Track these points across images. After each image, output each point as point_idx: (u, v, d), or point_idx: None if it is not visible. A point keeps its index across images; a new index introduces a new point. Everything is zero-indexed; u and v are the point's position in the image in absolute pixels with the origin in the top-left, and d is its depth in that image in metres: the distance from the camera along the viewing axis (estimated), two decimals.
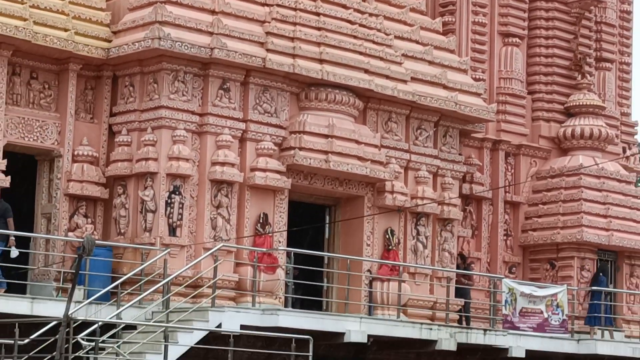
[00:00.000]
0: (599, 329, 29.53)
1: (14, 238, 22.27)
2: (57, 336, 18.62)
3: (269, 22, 25.02)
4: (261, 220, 24.55)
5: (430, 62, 27.53)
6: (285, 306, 24.18)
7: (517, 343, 26.50)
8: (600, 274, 30.80)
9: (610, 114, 32.15)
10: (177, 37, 23.52)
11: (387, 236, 26.31)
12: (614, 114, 32.51)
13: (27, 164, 24.38)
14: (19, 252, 22.26)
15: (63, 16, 23.81)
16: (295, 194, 25.41)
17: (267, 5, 25.25)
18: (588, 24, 32.23)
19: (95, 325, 20.10)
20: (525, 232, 30.75)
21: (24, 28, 23.02)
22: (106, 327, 20.69)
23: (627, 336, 30.05)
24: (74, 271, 20.30)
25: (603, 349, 27.96)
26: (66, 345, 18.68)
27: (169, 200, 23.69)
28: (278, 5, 25.23)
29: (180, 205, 23.79)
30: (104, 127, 24.71)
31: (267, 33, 24.84)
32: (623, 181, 31.62)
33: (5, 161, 23.07)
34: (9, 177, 23.04)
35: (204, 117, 24.28)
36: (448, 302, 26.96)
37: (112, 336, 20.75)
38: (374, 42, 26.34)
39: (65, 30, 23.71)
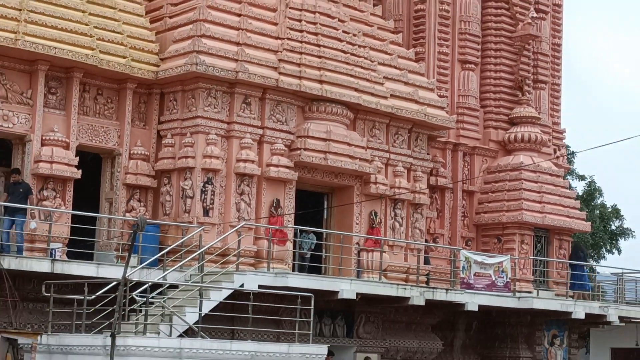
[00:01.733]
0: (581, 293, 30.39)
1: (34, 212, 22.30)
2: (117, 293, 18.70)
3: (281, 52, 25.01)
4: (274, 204, 24.57)
5: (405, 83, 27.51)
6: (293, 270, 24.28)
7: (472, 299, 26.48)
8: (579, 252, 31.57)
9: (544, 123, 32.13)
10: (210, 63, 23.53)
11: (372, 217, 26.30)
12: (547, 123, 32.49)
13: (94, 161, 24.38)
14: (36, 223, 22.28)
15: (122, 47, 23.80)
16: (300, 184, 25.38)
17: (280, 38, 25.24)
18: (527, 54, 32.20)
19: (146, 285, 20.20)
20: (478, 214, 30.74)
21: (92, 56, 23.04)
22: (155, 286, 20.77)
23: (556, 294, 30.03)
24: (130, 243, 20.37)
25: (538, 304, 27.99)
26: (124, 300, 18.83)
27: (204, 189, 23.74)
28: (288, 39, 25.24)
29: (212, 193, 23.84)
30: (153, 132, 24.69)
31: (280, 60, 24.84)
32: (554, 175, 31.66)
33: (77, 158, 23.15)
34: (80, 171, 23.13)
35: (231, 124, 24.30)
36: (418, 268, 27.06)
37: (159, 294, 20.86)
38: (362, 67, 26.32)
39: (124, 57, 23.71)
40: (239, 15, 25.09)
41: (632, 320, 31.25)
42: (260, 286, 21.95)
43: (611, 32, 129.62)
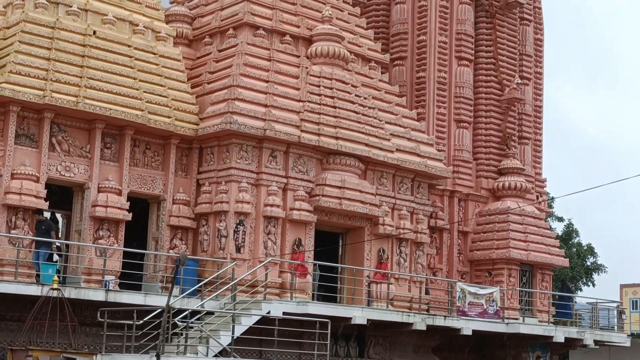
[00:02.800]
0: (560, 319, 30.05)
1: (55, 246, 22.32)
2: (162, 319, 18.67)
3: (302, 112, 25.02)
4: (296, 243, 24.46)
5: (409, 139, 27.48)
6: (312, 299, 24.18)
7: (466, 325, 26.32)
8: (566, 287, 31.56)
9: (527, 174, 32.03)
10: (242, 122, 23.58)
11: (380, 253, 26.19)
12: (530, 173, 32.40)
13: (142, 205, 24.39)
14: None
15: (167, 108, 23.89)
16: (319, 225, 25.26)
17: (301, 101, 25.26)
18: (513, 114, 32.19)
19: (187, 312, 20.21)
20: (471, 251, 30.58)
21: (142, 116, 23.13)
22: (194, 313, 20.74)
23: (539, 321, 29.82)
24: (173, 276, 20.33)
25: (523, 329, 27.82)
26: (167, 325, 18.80)
27: (236, 230, 23.68)
28: (308, 101, 25.26)
29: (243, 233, 23.78)
30: (193, 181, 24.67)
31: (301, 119, 24.86)
32: (537, 218, 31.50)
33: (128, 203, 23.17)
34: (130, 214, 23.15)
35: (259, 174, 24.27)
36: (420, 298, 26.91)
37: (197, 319, 20.79)
38: (371, 126, 26.32)
39: (169, 117, 23.79)
40: (267, 81, 25.19)
41: (605, 343, 31.06)
42: (284, 313, 21.96)
43: (584, 93, 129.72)
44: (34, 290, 20.00)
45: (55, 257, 22.63)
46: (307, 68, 26.23)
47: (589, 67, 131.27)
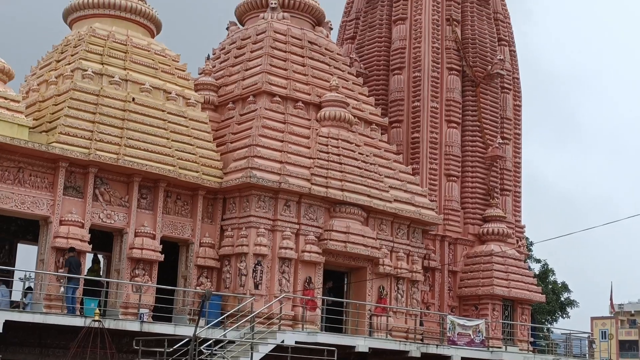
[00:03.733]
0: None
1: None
2: (189, 347, 18.55)
3: (312, 168, 25.02)
4: (307, 281, 24.37)
5: (405, 191, 27.41)
6: (321, 330, 23.97)
7: (456, 353, 26.00)
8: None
9: (508, 221, 31.84)
10: (260, 176, 23.62)
11: (380, 290, 26.04)
12: (511, 220, 32.21)
13: (173, 248, 24.32)
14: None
15: (195, 164, 23.96)
16: (327, 265, 25.12)
17: (311, 158, 25.26)
18: (495, 169, 32.11)
19: (211, 341, 20.10)
20: (460, 288, 30.29)
21: (174, 170, 23.22)
22: (217, 342, 20.63)
23: (520, 349, 29.47)
24: (199, 309, 20.21)
25: (506, 356, 27.49)
26: (194, 352, 18.65)
27: (254, 269, 23.59)
28: (317, 158, 25.26)
29: (261, 272, 23.68)
30: (218, 227, 24.59)
31: (311, 174, 24.85)
32: (517, 259, 31.27)
33: (161, 246, 23.14)
34: (163, 255, 23.12)
35: (275, 221, 24.21)
36: (415, 329, 26.62)
37: (221, 347, 20.68)
38: (372, 179, 26.27)
39: (197, 172, 23.84)
40: (282, 141, 25.23)
41: None
42: (296, 342, 21.76)
43: (554, 151, 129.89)
44: (78, 321, 19.97)
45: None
46: (316, 130, 26.28)
47: (558, 127, 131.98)
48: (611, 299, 57.22)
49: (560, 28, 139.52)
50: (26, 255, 25.03)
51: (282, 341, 21.53)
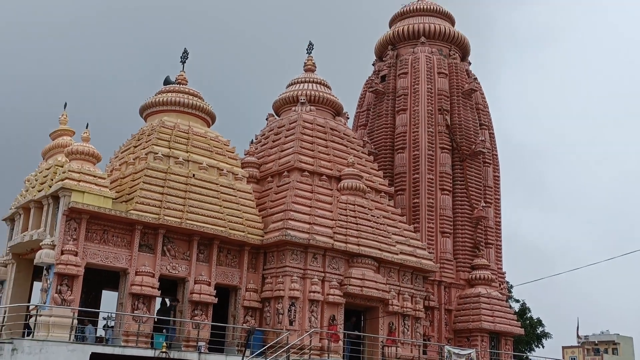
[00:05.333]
0: None
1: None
2: None
3: (335, 227, 24.93)
4: (331, 318, 24.02)
5: (408, 245, 27.16)
6: (343, 358, 23.56)
7: None
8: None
9: (492, 268, 31.45)
10: (293, 234, 23.56)
11: (390, 325, 25.60)
12: (494, 268, 31.79)
13: (224, 293, 24.14)
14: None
15: (242, 225, 23.96)
16: (347, 306, 24.77)
17: (333, 219, 25.18)
18: (480, 227, 31.84)
19: None
20: (454, 323, 29.76)
21: (225, 231, 23.23)
22: None
23: None
24: (245, 342, 20.00)
25: None
26: None
27: (289, 309, 23.31)
28: (338, 220, 25.18)
29: (295, 311, 23.38)
30: (260, 275, 24.34)
31: (334, 232, 24.73)
32: (500, 299, 30.73)
33: (215, 291, 22.96)
34: (216, 299, 22.92)
35: (305, 270, 24.02)
36: (419, 356, 26.13)
37: None
38: (382, 236, 26.08)
39: (243, 232, 23.83)
40: (310, 207, 25.19)
41: None
42: None
43: (525, 210, 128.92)
44: (149, 353, 19.81)
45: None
46: (337, 197, 26.25)
47: (527, 190, 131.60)
48: (577, 331, 56.36)
49: (525, 110, 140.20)
50: (109, 300, 24.97)
51: None
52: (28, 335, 19.87)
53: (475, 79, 34.54)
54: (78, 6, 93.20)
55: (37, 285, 22.90)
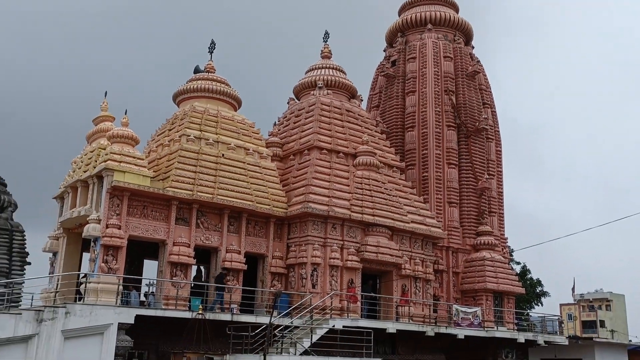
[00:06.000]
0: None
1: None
2: (266, 331, 18.43)
3: (351, 200, 24.95)
4: (350, 282, 24.13)
5: (419, 215, 27.13)
6: (361, 317, 23.67)
7: (460, 332, 25.57)
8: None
9: (495, 234, 31.35)
10: (314, 207, 23.59)
11: (403, 287, 25.69)
12: (497, 234, 31.70)
13: (253, 260, 24.31)
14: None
15: (267, 200, 24.03)
16: (363, 270, 24.85)
17: (350, 192, 25.21)
18: (484, 197, 31.70)
19: (282, 326, 19.98)
20: (461, 284, 29.77)
21: (252, 205, 23.30)
22: (286, 327, 20.50)
23: (507, 329, 28.79)
24: (273, 304, 20.13)
25: (498, 334, 26.91)
26: (270, 335, 18.55)
27: (312, 274, 23.44)
28: (355, 193, 25.20)
29: (317, 276, 23.51)
30: (285, 244, 24.42)
31: (351, 204, 24.76)
32: (503, 262, 30.67)
33: (244, 259, 23.11)
34: (246, 266, 23.08)
35: (325, 239, 24.09)
36: (430, 315, 26.21)
37: (289, 331, 20.55)
38: (395, 207, 26.07)
39: (269, 205, 23.89)
40: (328, 182, 25.21)
41: (551, 343, 29.83)
42: (344, 326, 21.58)
43: (523, 181, 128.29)
44: (187, 314, 20.01)
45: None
46: (353, 173, 26.22)
47: (524, 164, 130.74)
48: (573, 290, 56.21)
49: (521, 89, 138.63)
50: (150, 268, 25.30)
51: (333, 326, 21.39)
52: (79, 300, 20.15)
53: (479, 61, 34.18)
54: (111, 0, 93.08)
55: (85, 256, 23.20)
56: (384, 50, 35.60)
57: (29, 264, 24.98)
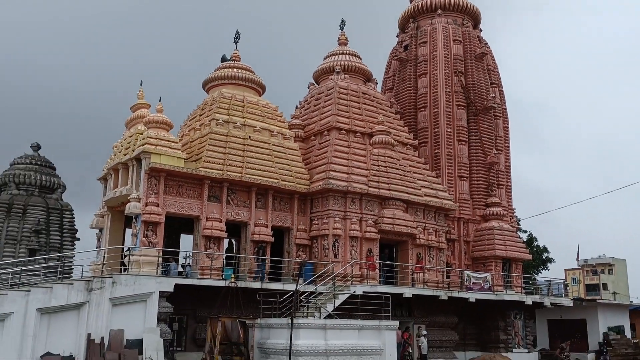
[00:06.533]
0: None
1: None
2: (293, 297, 18.67)
3: (369, 176, 24.99)
4: (369, 251, 24.28)
5: (431, 188, 27.10)
6: (379, 283, 23.85)
7: (472, 296, 25.64)
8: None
9: (503, 205, 31.18)
10: (334, 183, 23.70)
11: (418, 255, 25.79)
12: (505, 205, 31.52)
13: (279, 233, 24.52)
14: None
15: (291, 177, 24.15)
16: (381, 240, 25.00)
17: (367, 169, 25.25)
18: (493, 171, 31.50)
19: (307, 292, 20.20)
20: (472, 252, 29.75)
21: (277, 182, 23.45)
22: (311, 293, 20.72)
23: (516, 292, 28.80)
24: (298, 272, 20.36)
25: (507, 297, 26.96)
26: (296, 301, 18.78)
27: (334, 245, 23.62)
28: (372, 169, 25.23)
29: (338, 246, 23.69)
30: (308, 218, 24.60)
31: (368, 180, 24.83)
32: (511, 231, 30.55)
33: (271, 232, 23.34)
34: (273, 238, 23.31)
35: (345, 212, 24.21)
36: (443, 280, 26.30)
37: (314, 297, 20.78)
38: (409, 182, 26.07)
39: (292, 182, 24.04)
40: (347, 159, 25.27)
41: (557, 304, 29.81)
42: (364, 292, 21.72)
43: (526, 156, 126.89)
44: (221, 283, 20.34)
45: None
46: (370, 151, 26.23)
47: (527, 138, 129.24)
48: (577, 256, 55.97)
49: (527, 68, 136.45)
50: (186, 241, 25.68)
51: (354, 291, 21.58)
52: (124, 271, 20.58)
53: (486, 44, 33.75)
54: None
55: (128, 231, 23.64)
56: (397, 36, 35.30)
57: (78, 239, 25.65)
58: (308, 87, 30.80)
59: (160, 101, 22.96)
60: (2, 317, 16.55)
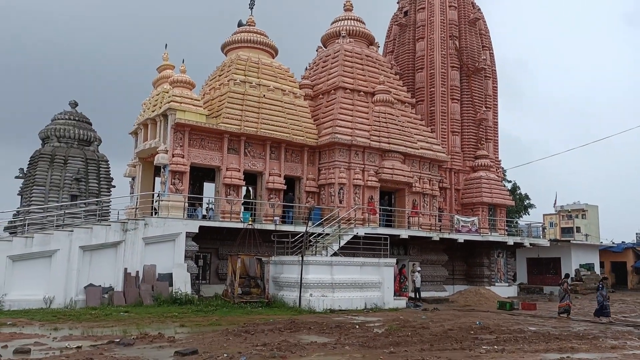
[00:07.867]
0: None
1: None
2: (303, 238, 18.86)
3: (371, 131, 24.82)
4: (370, 198, 24.35)
5: (426, 142, 26.94)
6: (379, 226, 24.01)
7: (461, 237, 25.85)
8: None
9: (490, 157, 31.03)
10: (340, 137, 23.55)
11: (413, 202, 25.87)
12: (492, 157, 31.36)
13: (291, 182, 24.57)
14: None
15: (301, 131, 24.00)
16: (381, 188, 25.04)
17: (369, 125, 25.05)
18: (482, 127, 31.22)
19: (315, 234, 20.38)
20: (462, 199, 29.83)
21: (289, 136, 23.33)
22: (319, 234, 20.90)
23: (500, 234, 29.00)
24: (307, 216, 20.48)
25: (491, 238, 27.18)
26: (307, 241, 18.96)
27: (339, 192, 23.64)
28: (373, 125, 25.03)
29: (343, 194, 23.72)
30: (316, 168, 24.47)
31: (370, 135, 24.67)
32: (496, 181, 30.50)
33: (284, 180, 23.35)
34: (285, 186, 23.35)
35: (350, 163, 24.15)
36: (435, 223, 26.43)
37: (321, 238, 20.96)
38: (406, 136, 25.88)
39: (302, 136, 23.90)
40: (351, 116, 25.04)
41: (535, 245, 30.06)
42: (365, 233, 21.90)
43: (509, 111, 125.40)
44: (239, 225, 20.52)
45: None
46: (372, 108, 25.97)
47: (510, 96, 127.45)
48: (555, 202, 56.02)
49: (511, 27, 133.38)
50: (209, 189, 25.83)
51: (357, 233, 21.76)
52: (154, 215, 20.83)
53: (479, 9, 32.89)
54: None
55: (157, 180, 23.77)
56: (398, 2, 34.40)
57: (114, 187, 25.85)
58: (316, 50, 30.29)
59: (183, 62, 22.70)
60: (50, 253, 16.86)
